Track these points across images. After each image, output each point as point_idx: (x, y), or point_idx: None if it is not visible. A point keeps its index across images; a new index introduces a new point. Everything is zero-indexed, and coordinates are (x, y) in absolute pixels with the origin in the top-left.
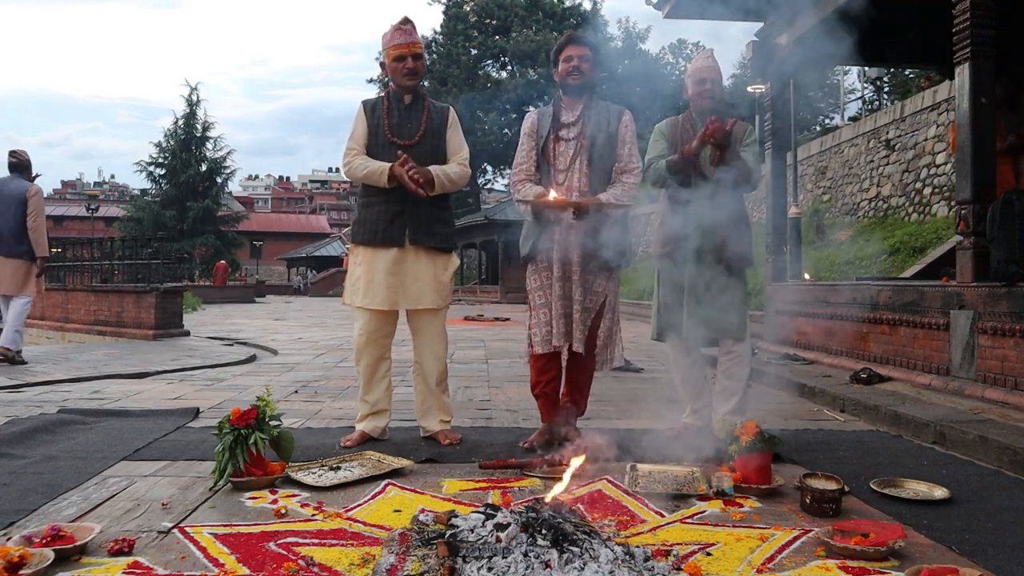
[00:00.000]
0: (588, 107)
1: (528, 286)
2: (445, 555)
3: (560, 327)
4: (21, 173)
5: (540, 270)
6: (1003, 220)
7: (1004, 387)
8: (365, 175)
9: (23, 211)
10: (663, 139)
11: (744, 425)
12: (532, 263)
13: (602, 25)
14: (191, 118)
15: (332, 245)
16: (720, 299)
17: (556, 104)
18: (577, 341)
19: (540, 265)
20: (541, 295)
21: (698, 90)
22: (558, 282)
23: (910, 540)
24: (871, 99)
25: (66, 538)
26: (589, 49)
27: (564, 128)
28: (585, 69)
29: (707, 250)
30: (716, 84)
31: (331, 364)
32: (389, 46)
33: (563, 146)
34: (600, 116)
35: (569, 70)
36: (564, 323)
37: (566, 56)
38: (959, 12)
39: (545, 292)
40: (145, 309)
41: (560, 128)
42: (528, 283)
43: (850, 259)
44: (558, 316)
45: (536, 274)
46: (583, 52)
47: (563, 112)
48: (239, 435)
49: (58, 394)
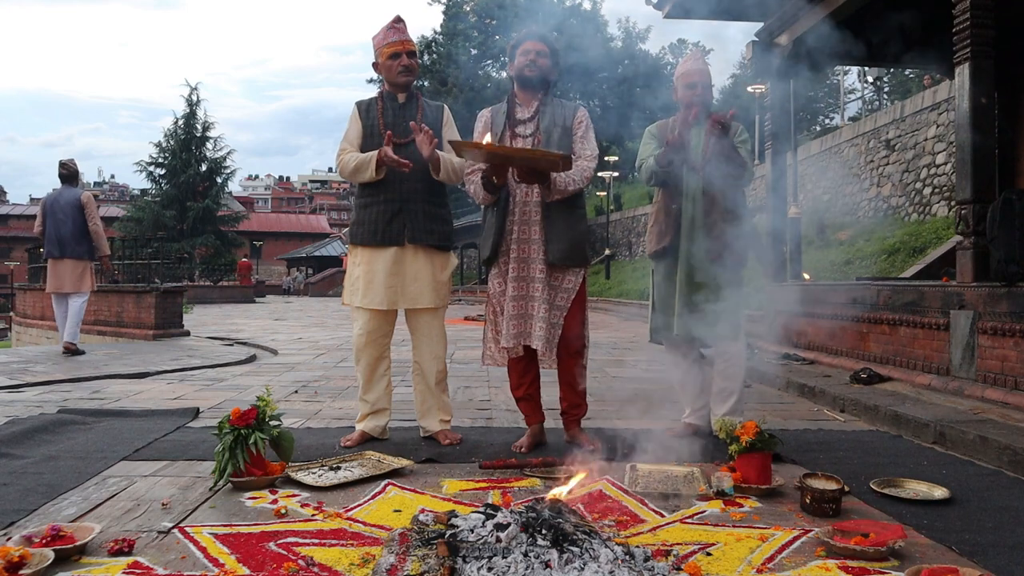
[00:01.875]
0: (544, 103)
1: (490, 289)
2: (445, 555)
3: (513, 328)
4: (71, 182)
5: (501, 272)
6: (1003, 220)
7: (1004, 387)
8: (355, 167)
9: (80, 216)
10: (653, 140)
11: (744, 425)
12: (495, 265)
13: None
14: (191, 118)
15: (332, 245)
16: (713, 300)
17: (510, 101)
18: (537, 339)
19: (502, 267)
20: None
21: (687, 93)
22: (512, 282)
23: (910, 540)
24: (871, 99)
25: (66, 538)
26: (546, 45)
27: (520, 124)
28: (542, 64)
29: (700, 249)
30: (706, 88)
31: (331, 364)
32: (382, 45)
33: (520, 142)
34: (556, 112)
35: (525, 63)
36: (517, 323)
37: (523, 50)
38: (959, 12)
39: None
40: (145, 309)
41: (516, 125)
42: (490, 286)
43: (850, 259)
44: (510, 317)
45: (500, 276)
46: (540, 47)
47: (518, 109)
48: (239, 435)
49: (58, 394)
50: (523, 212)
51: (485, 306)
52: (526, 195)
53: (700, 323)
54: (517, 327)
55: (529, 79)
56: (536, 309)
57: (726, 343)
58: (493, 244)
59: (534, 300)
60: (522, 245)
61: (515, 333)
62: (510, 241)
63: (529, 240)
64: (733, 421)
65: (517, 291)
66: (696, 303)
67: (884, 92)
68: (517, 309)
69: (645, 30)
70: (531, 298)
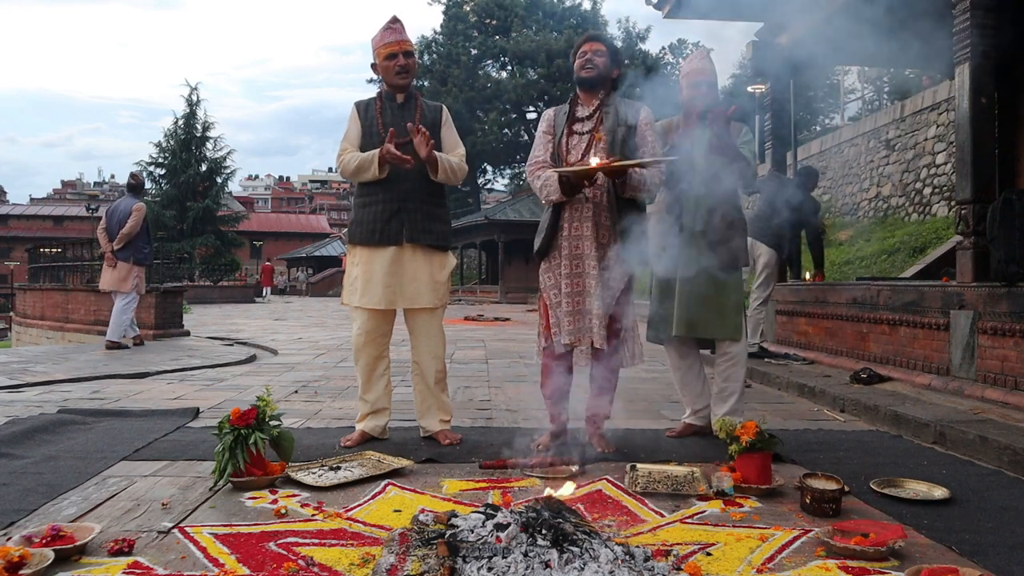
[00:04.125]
0: (604, 103)
1: (541, 284)
2: (445, 555)
3: (568, 324)
4: (135, 193)
5: (553, 267)
6: (1003, 220)
7: (1004, 387)
8: (357, 166)
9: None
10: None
11: (744, 425)
12: (545, 260)
13: (601, 25)
14: (191, 118)
15: (332, 245)
16: (713, 300)
17: (572, 101)
18: (598, 337)
19: (553, 262)
20: (556, 293)
21: (692, 93)
22: (566, 279)
23: (910, 540)
24: (871, 99)
25: (66, 538)
26: (604, 45)
27: (578, 122)
28: (598, 63)
29: (699, 250)
30: (711, 88)
31: (331, 364)
32: (380, 46)
33: (575, 139)
34: (620, 110)
35: (583, 64)
36: (574, 320)
37: (580, 52)
38: (959, 12)
39: (559, 289)
40: (145, 309)
41: (575, 123)
42: (541, 280)
43: (850, 259)
44: (567, 313)
45: (550, 271)
46: (597, 47)
47: (579, 108)
48: (239, 435)
49: (58, 394)
50: (576, 208)
51: (537, 300)
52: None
53: (701, 324)
54: (574, 323)
55: (586, 79)
56: (592, 305)
57: (727, 344)
58: (545, 239)
59: (590, 296)
60: (575, 241)
61: (574, 329)
62: (563, 237)
63: (582, 236)
64: (733, 421)
65: (572, 287)
66: (697, 304)
67: (884, 92)
68: (574, 305)
69: (645, 30)
70: (588, 294)
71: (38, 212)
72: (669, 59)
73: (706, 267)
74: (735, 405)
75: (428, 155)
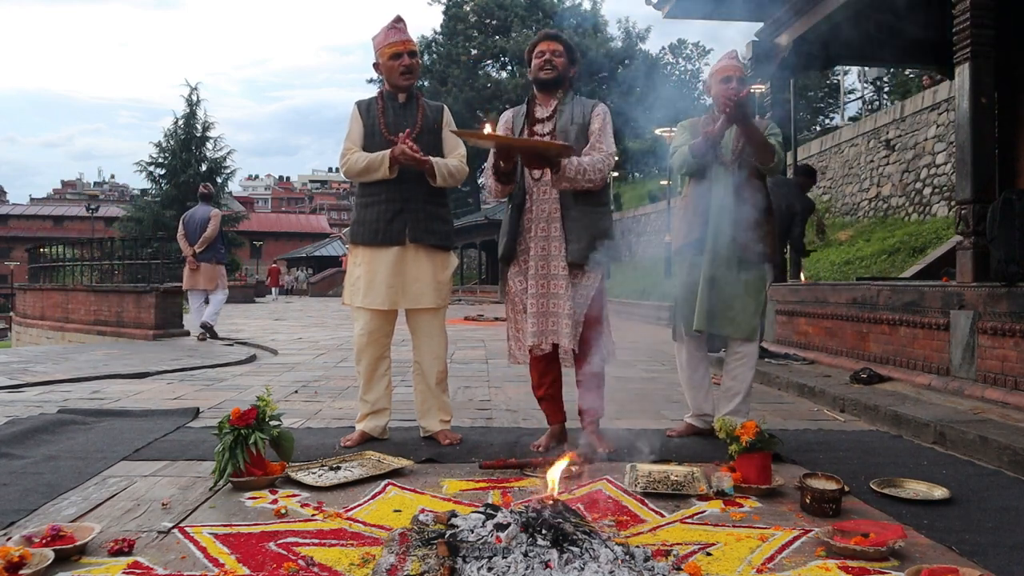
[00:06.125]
0: (563, 102)
1: (510, 287)
2: (445, 555)
3: (533, 326)
4: (208, 201)
5: (522, 269)
6: (1003, 220)
7: (1004, 387)
8: (365, 166)
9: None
10: (686, 132)
11: (744, 425)
12: (514, 263)
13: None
14: (191, 118)
15: (332, 245)
16: (735, 296)
17: (530, 102)
18: (566, 338)
19: (522, 265)
20: (523, 294)
21: (722, 88)
22: (533, 279)
23: (910, 540)
24: (871, 99)
25: (66, 538)
26: (562, 44)
27: (538, 123)
28: (557, 64)
29: (725, 243)
30: (740, 83)
31: (331, 364)
32: (383, 45)
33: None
34: (574, 109)
35: (541, 64)
36: (538, 322)
37: (538, 51)
38: (959, 12)
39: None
40: (145, 309)
41: (534, 123)
42: (509, 284)
43: (850, 259)
44: (531, 315)
45: (521, 275)
46: (555, 47)
47: (537, 108)
48: (239, 435)
49: (58, 394)
50: (541, 209)
51: (505, 305)
52: (544, 192)
53: (720, 320)
54: (539, 325)
55: (545, 81)
56: (560, 307)
57: (740, 343)
58: (508, 242)
59: (558, 298)
60: (541, 243)
61: (538, 331)
62: (529, 239)
63: (549, 237)
64: (733, 421)
65: (539, 288)
66: (718, 299)
67: (884, 92)
68: (539, 307)
69: (645, 30)
70: (555, 295)
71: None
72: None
73: (730, 265)
74: (739, 405)
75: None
